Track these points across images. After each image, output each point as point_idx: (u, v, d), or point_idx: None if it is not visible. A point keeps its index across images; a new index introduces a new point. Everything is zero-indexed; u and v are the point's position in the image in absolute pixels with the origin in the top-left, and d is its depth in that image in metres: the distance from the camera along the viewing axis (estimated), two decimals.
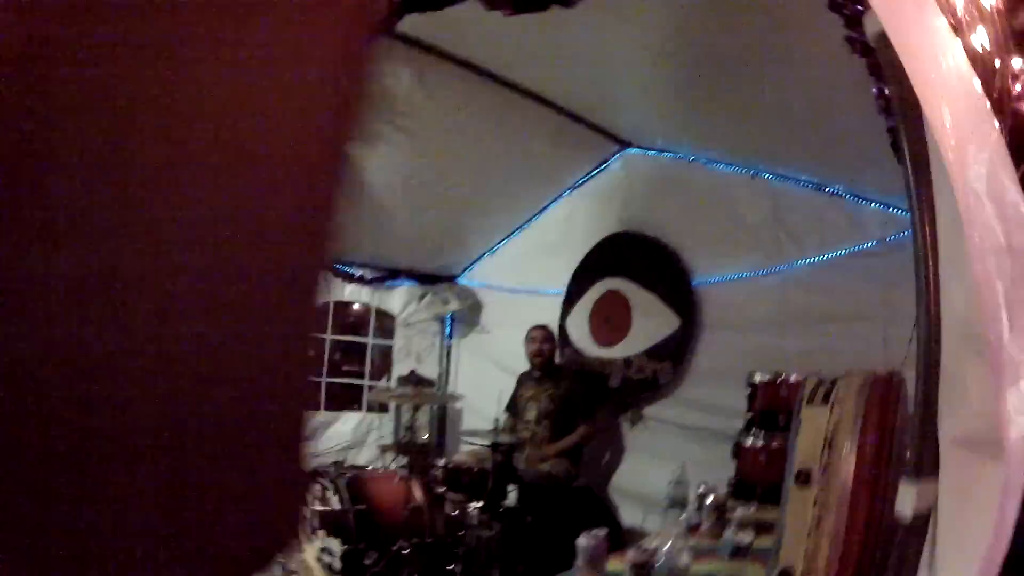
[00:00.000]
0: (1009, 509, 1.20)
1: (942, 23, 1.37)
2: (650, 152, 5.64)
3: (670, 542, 2.43)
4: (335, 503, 4.41)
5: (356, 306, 7.48)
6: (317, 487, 4.63)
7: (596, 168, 6.09)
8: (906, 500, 1.30)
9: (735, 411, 3.98)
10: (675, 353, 5.20)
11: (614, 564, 2.51)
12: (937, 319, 1.34)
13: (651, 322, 5.42)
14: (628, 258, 5.69)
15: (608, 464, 5.72)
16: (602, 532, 2.19)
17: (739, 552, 2.48)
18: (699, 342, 5.13)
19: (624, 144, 5.78)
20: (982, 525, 1.20)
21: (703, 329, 5.12)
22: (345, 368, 7.67)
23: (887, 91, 2.43)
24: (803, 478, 1.85)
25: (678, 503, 2.68)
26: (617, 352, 5.68)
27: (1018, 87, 1.59)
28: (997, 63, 1.53)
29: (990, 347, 1.18)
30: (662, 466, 5.10)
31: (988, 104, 1.38)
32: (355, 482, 4.58)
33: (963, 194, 1.21)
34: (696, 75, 4.18)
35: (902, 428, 1.70)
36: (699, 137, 5.08)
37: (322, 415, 6.88)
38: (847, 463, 1.71)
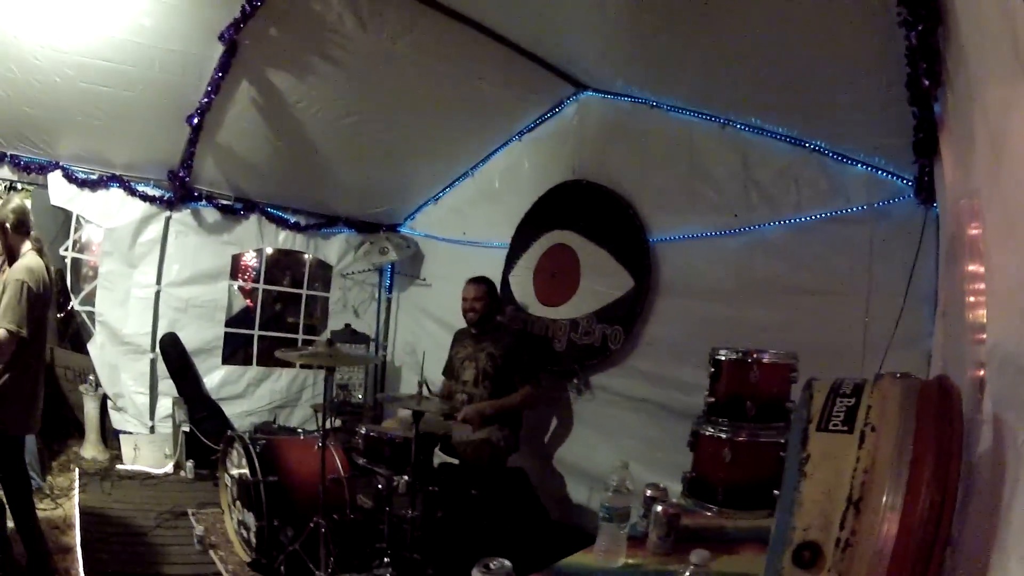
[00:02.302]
0: None
1: None
2: (608, 96, 5.11)
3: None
4: (248, 473, 4.08)
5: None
6: (233, 453, 4.37)
7: (548, 112, 5.59)
8: None
9: (692, 386, 3.58)
10: (627, 317, 4.76)
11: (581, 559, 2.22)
12: None
13: (602, 281, 4.98)
14: (578, 210, 5.21)
15: (553, 436, 5.33)
16: (506, 565, 1.67)
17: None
18: (654, 307, 4.68)
19: (579, 86, 5.27)
20: None
21: (658, 293, 4.67)
22: (291, 320, 7.34)
23: None
24: (807, 558, 1.18)
25: (617, 517, 2.18)
26: (563, 312, 5.24)
27: None
28: None
29: None
30: (610, 441, 4.81)
31: None
32: (269, 450, 4.22)
33: None
34: (662, 8, 3.69)
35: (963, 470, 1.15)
36: (663, 80, 4.56)
37: (254, 371, 6.57)
38: (886, 534, 1.11)
